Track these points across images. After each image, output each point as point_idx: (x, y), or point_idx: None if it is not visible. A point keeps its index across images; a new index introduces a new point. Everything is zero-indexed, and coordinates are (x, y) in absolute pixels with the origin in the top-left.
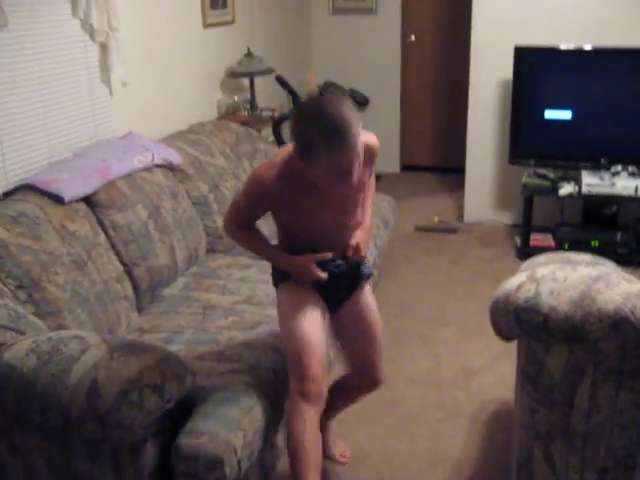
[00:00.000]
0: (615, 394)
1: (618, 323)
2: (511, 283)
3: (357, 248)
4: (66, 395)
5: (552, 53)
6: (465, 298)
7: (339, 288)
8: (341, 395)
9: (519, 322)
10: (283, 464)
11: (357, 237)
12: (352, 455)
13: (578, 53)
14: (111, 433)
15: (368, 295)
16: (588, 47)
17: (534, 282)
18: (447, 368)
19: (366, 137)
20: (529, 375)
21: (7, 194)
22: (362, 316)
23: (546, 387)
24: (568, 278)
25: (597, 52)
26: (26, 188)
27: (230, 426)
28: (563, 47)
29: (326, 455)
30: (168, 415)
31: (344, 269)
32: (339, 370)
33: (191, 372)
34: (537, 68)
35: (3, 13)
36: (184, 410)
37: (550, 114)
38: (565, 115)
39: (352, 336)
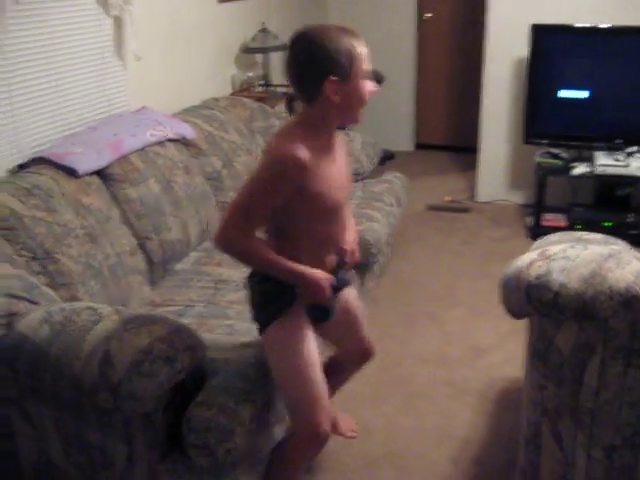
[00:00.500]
0: (624, 372)
1: (629, 301)
2: (522, 260)
3: (353, 252)
4: (79, 365)
5: (568, 31)
6: (475, 277)
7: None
8: (338, 374)
9: (530, 299)
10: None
11: (351, 241)
12: (358, 431)
13: (594, 32)
14: (123, 403)
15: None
16: (604, 26)
17: (545, 259)
18: (456, 346)
19: None
20: (539, 352)
21: (21, 166)
22: (347, 314)
23: (555, 364)
24: (579, 256)
25: (614, 31)
26: (40, 161)
27: (240, 398)
28: (579, 25)
29: (334, 432)
30: (180, 387)
31: (343, 284)
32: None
33: (202, 344)
34: (553, 47)
35: None
36: (195, 382)
37: (565, 93)
38: (580, 95)
39: (340, 333)
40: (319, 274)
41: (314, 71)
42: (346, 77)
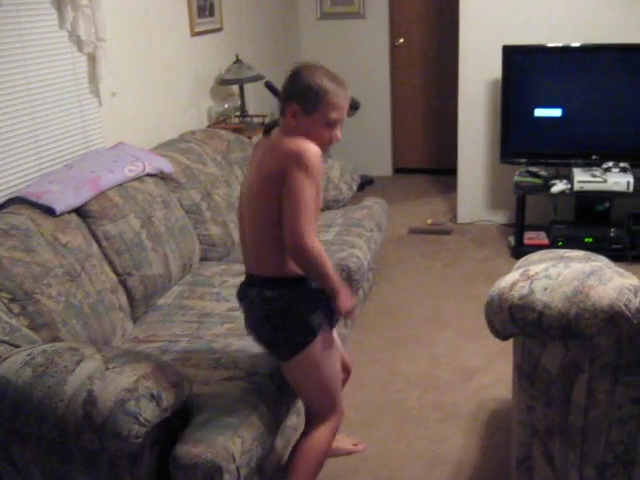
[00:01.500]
0: (612, 389)
1: (613, 318)
2: (505, 281)
3: None
4: (62, 407)
5: (540, 51)
6: (461, 299)
7: None
8: None
9: (514, 320)
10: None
11: None
12: (350, 459)
13: (566, 51)
14: (108, 444)
15: None
16: (576, 44)
17: (527, 279)
18: (445, 369)
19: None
20: (526, 372)
21: None
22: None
23: (543, 384)
24: (561, 274)
25: (585, 49)
26: (17, 201)
27: (228, 433)
28: (550, 45)
29: (341, 454)
30: (166, 424)
31: None
32: None
33: (187, 380)
34: (526, 67)
35: None
36: (181, 419)
37: (540, 112)
38: (555, 113)
39: None
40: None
41: (288, 93)
42: (308, 112)
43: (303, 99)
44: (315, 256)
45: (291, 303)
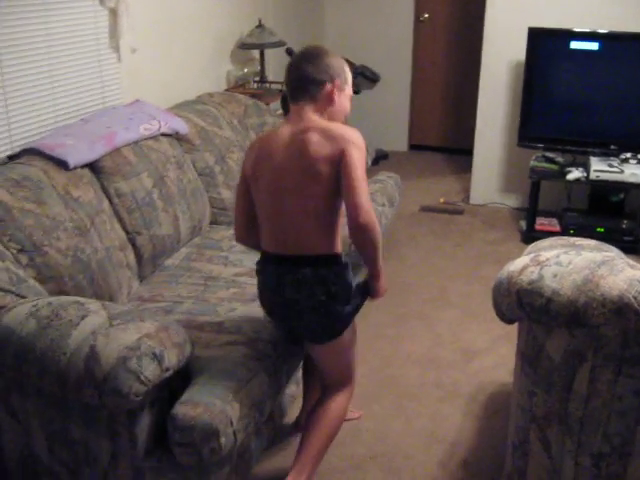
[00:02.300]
0: (614, 380)
1: (621, 309)
2: (514, 265)
3: None
4: (64, 360)
5: (566, 35)
6: (468, 280)
7: None
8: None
9: (521, 304)
10: (281, 436)
11: None
12: (346, 431)
13: (592, 37)
14: (108, 400)
15: None
16: (603, 31)
17: (538, 265)
18: (447, 349)
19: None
20: (529, 358)
21: (12, 157)
22: None
23: (545, 370)
24: (572, 262)
25: (611, 37)
26: (31, 152)
27: (227, 397)
28: (577, 30)
29: None
30: (166, 384)
31: None
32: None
33: (190, 341)
34: (550, 51)
35: None
36: (182, 380)
37: (561, 97)
38: (576, 99)
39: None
40: None
41: (323, 75)
42: (342, 88)
43: (337, 76)
44: (378, 232)
45: (345, 281)
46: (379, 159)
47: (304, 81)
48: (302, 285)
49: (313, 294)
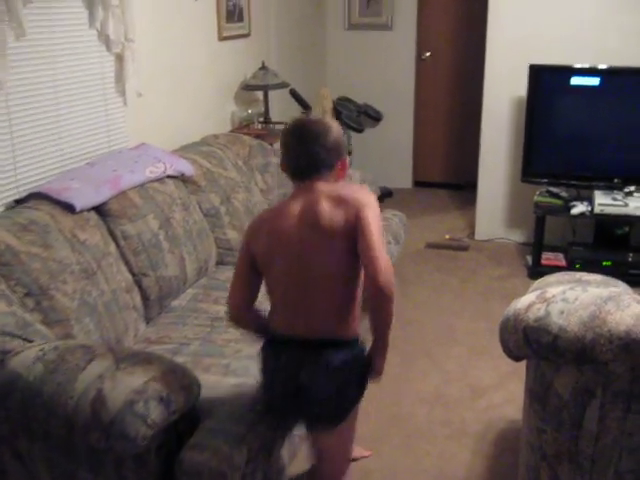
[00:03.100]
0: (624, 417)
1: (628, 345)
2: (521, 302)
3: None
4: (71, 404)
5: (567, 72)
6: (475, 317)
7: None
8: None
9: (528, 341)
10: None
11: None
12: (356, 472)
13: (593, 72)
14: (115, 443)
15: None
16: (603, 66)
17: (544, 302)
18: (455, 386)
19: (353, 190)
20: (537, 395)
21: (19, 202)
22: None
23: (554, 408)
24: (578, 298)
25: (612, 72)
26: (38, 196)
27: (234, 441)
28: (578, 66)
29: None
30: (173, 427)
31: None
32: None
33: (197, 384)
34: (551, 86)
35: (21, 24)
36: (189, 423)
37: (564, 133)
38: (579, 134)
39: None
40: None
41: (335, 154)
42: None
43: (344, 149)
44: (394, 297)
45: (360, 365)
46: (383, 197)
47: (315, 164)
48: (323, 371)
49: (333, 379)
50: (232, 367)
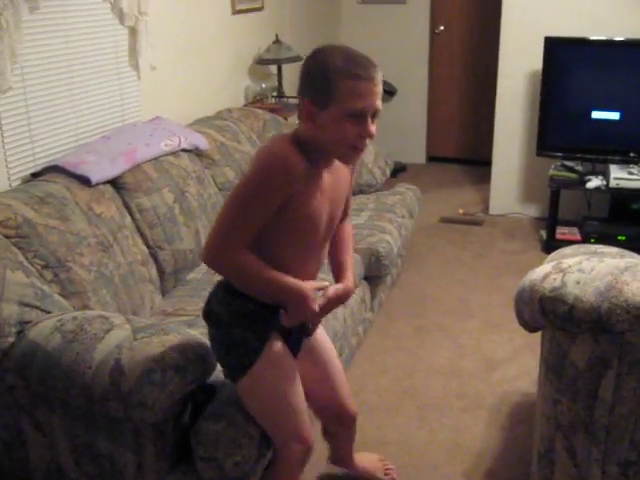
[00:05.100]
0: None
1: None
2: (537, 273)
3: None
4: (89, 374)
5: (582, 44)
6: (489, 290)
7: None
8: (334, 440)
9: (544, 312)
10: None
11: (338, 287)
12: (371, 443)
13: (609, 44)
14: (133, 413)
15: (319, 333)
16: (619, 38)
17: (560, 272)
18: (469, 359)
19: None
20: (553, 366)
21: (35, 175)
22: (317, 359)
23: (570, 378)
24: (595, 268)
25: (628, 44)
26: (54, 170)
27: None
28: (593, 38)
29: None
30: (190, 397)
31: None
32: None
33: (213, 355)
34: (567, 59)
35: None
36: (206, 393)
37: (579, 106)
38: (594, 108)
39: (313, 383)
40: (307, 285)
41: (300, 88)
42: (323, 105)
43: (315, 90)
44: (230, 271)
45: (224, 316)
46: (397, 172)
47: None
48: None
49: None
50: None
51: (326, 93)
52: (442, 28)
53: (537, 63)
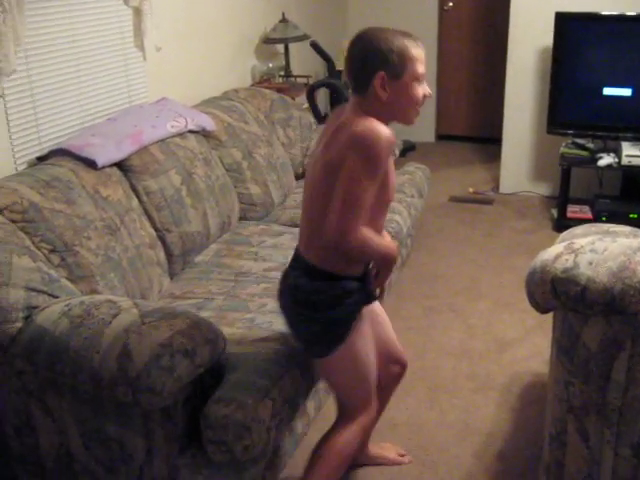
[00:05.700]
0: None
1: None
2: (548, 253)
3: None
4: (97, 358)
5: (593, 19)
6: (499, 270)
7: None
8: (380, 399)
9: (556, 293)
10: (314, 432)
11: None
12: (382, 425)
13: (620, 20)
14: (141, 397)
15: None
16: (631, 13)
17: (572, 252)
18: (480, 340)
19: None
20: (565, 347)
21: (41, 158)
22: (375, 319)
23: (582, 360)
24: (607, 249)
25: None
26: (60, 153)
27: (259, 395)
28: (605, 13)
29: (386, 463)
30: (199, 381)
31: None
32: None
33: (222, 338)
34: (578, 35)
35: None
36: (214, 377)
37: (590, 83)
38: (606, 84)
39: (375, 339)
40: (393, 245)
41: (367, 66)
42: (396, 76)
43: (388, 63)
44: (365, 249)
45: (323, 301)
46: (406, 150)
47: (350, 80)
48: (287, 289)
49: (292, 301)
50: (257, 321)
51: (400, 64)
52: (451, 4)
53: (548, 39)
